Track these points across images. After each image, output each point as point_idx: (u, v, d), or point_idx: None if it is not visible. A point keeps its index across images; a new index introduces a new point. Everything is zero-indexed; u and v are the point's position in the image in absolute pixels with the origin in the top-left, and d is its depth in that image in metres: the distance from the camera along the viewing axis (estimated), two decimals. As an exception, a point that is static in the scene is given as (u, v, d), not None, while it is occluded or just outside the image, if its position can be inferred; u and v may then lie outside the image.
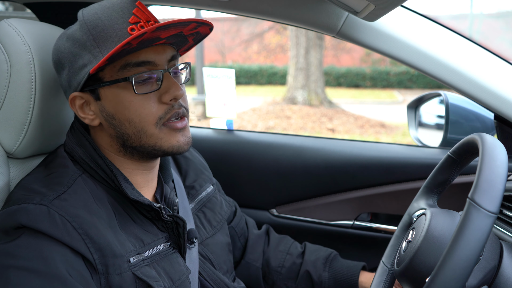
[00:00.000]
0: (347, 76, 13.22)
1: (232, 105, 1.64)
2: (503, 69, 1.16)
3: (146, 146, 0.86)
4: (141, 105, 0.83)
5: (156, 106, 0.84)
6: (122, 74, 0.82)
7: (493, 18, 13.91)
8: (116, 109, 0.84)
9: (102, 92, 0.84)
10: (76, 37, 0.83)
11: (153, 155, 0.89)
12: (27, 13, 1.88)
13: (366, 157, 1.45)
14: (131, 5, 0.82)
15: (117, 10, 0.82)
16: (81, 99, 0.86)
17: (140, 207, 0.87)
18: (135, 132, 0.84)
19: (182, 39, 0.88)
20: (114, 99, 0.84)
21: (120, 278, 0.78)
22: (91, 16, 0.82)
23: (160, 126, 0.85)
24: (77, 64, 0.83)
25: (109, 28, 0.81)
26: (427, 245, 0.77)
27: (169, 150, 0.87)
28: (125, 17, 0.81)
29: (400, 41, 1.14)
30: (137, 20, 0.82)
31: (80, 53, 0.83)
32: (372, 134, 7.19)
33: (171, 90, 0.84)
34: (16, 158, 0.94)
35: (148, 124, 0.84)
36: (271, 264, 1.23)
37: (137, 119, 0.83)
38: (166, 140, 0.86)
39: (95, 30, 0.81)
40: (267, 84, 13.69)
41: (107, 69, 0.82)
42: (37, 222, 0.74)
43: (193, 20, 0.81)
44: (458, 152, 0.87)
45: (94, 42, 0.81)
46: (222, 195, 1.19)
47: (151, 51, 0.83)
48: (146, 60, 0.83)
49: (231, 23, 14.66)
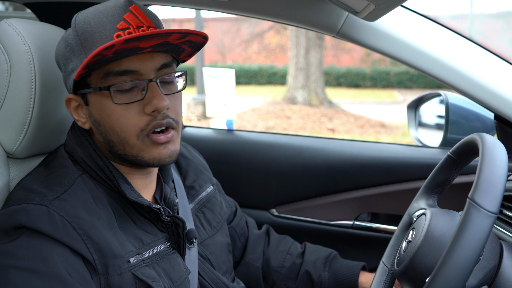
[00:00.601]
0: (347, 76, 13.22)
1: (232, 105, 1.64)
2: (503, 69, 1.16)
3: (129, 155, 0.85)
4: (122, 115, 0.81)
5: (138, 117, 0.81)
6: (105, 83, 0.80)
7: (493, 18, 13.91)
8: (101, 116, 0.83)
9: (90, 98, 0.84)
10: (68, 40, 0.83)
11: (138, 165, 0.87)
12: (27, 13, 1.88)
13: (366, 157, 1.45)
14: (124, 9, 0.79)
15: (107, 14, 0.79)
16: (75, 101, 0.87)
17: (140, 208, 0.87)
18: (118, 140, 0.84)
19: (174, 48, 0.83)
20: (98, 106, 0.83)
21: (120, 278, 0.78)
22: (82, 21, 0.81)
23: (143, 137, 0.83)
24: (68, 68, 0.84)
25: (96, 34, 0.79)
26: (427, 245, 0.77)
27: (150, 162, 0.85)
28: (114, 22, 0.79)
29: (400, 41, 1.14)
30: (126, 26, 0.79)
31: (70, 57, 0.83)
32: (372, 134, 7.19)
33: (153, 101, 0.80)
34: (16, 158, 0.94)
35: (129, 135, 0.82)
36: (271, 264, 1.23)
37: (119, 128, 0.82)
38: (147, 152, 0.84)
39: (83, 35, 0.80)
40: (267, 84, 13.69)
41: (93, 76, 0.82)
42: (37, 223, 0.74)
43: (175, 31, 0.76)
44: (458, 152, 0.87)
45: (82, 47, 0.80)
46: (222, 195, 1.19)
47: (135, 59, 0.80)
48: (128, 69, 0.80)
49: (231, 23, 14.67)
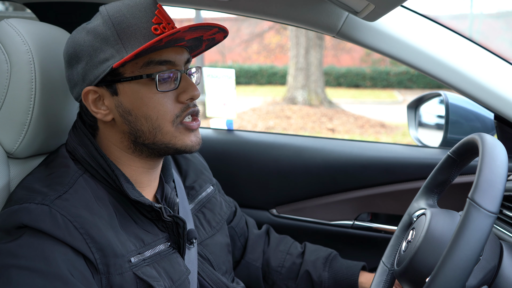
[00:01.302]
0: (347, 76, 13.21)
1: (232, 105, 1.64)
2: (503, 69, 1.16)
3: (159, 144, 0.87)
4: (159, 103, 0.85)
5: (173, 104, 0.86)
6: (145, 71, 0.84)
7: (493, 18, 13.91)
8: (134, 105, 0.85)
9: (121, 88, 0.85)
10: (99, 31, 0.83)
11: (163, 153, 0.90)
12: (27, 13, 1.88)
13: (366, 157, 1.45)
14: (154, 6, 0.85)
15: (140, 9, 0.84)
16: (94, 93, 0.86)
17: (141, 207, 0.87)
18: (150, 129, 0.86)
19: (198, 43, 0.91)
20: (133, 95, 0.84)
21: (121, 277, 0.78)
22: (116, 13, 0.83)
23: (177, 124, 0.87)
24: (97, 58, 0.83)
25: (134, 26, 0.83)
26: (427, 245, 0.77)
27: (181, 149, 0.89)
28: (149, 16, 0.83)
29: (400, 41, 1.14)
30: (160, 21, 0.84)
31: (102, 47, 0.83)
32: (372, 134, 7.19)
33: (188, 90, 0.87)
34: (16, 158, 0.94)
35: (165, 122, 0.86)
36: (271, 264, 1.23)
37: (155, 116, 0.85)
38: (180, 138, 0.88)
39: (119, 26, 0.82)
40: (267, 84, 13.68)
41: (128, 65, 0.83)
42: (39, 222, 0.75)
43: (217, 25, 0.85)
44: (458, 152, 0.87)
45: (118, 38, 0.82)
46: (222, 196, 1.19)
47: (172, 51, 0.86)
48: (168, 60, 0.85)
49: (231, 23, 14.66)
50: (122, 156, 0.90)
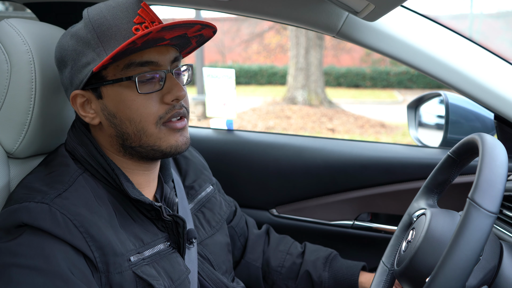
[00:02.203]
0: (347, 76, 13.21)
1: (232, 105, 1.64)
2: (503, 69, 1.16)
3: (145, 146, 0.86)
4: (142, 105, 0.83)
5: (157, 106, 0.85)
6: (126, 73, 0.83)
7: (493, 18, 13.90)
8: (118, 108, 0.84)
9: (104, 91, 0.84)
10: (80, 35, 0.83)
11: (152, 157, 0.89)
12: (27, 13, 1.88)
13: (366, 157, 1.45)
14: (136, 5, 0.83)
15: (122, 9, 0.82)
16: (82, 97, 0.86)
17: (141, 206, 0.87)
18: (135, 131, 0.85)
19: (185, 41, 0.89)
20: (116, 98, 0.84)
21: (120, 276, 0.78)
22: (96, 15, 0.83)
23: (160, 126, 0.85)
24: (80, 62, 0.83)
25: (114, 27, 0.81)
26: (427, 245, 0.77)
27: (167, 151, 0.87)
28: (130, 17, 0.82)
29: (400, 41, 1.14)
30: (142, 20, 0.82)
31: (84, 51, 0.83)
32: (372, 134, 7.18)
33: (173, 91, 0.85)
34: (16, 158, 0.94)
35: (148, 124, 0.84)
36: (271, 264, 1.23)
37: (138, 118, 0.84)
38: (165, 140, 0.86)
39: (99, 29, 0.82)
40: (267, 84, 13.68)
41: (110, 68, 0.83)
42: (39, 220, 0.75)
43: (198, 22, 0.82)
44: (458, 152, 0.87)
45: (99, 41, 0.82)
46: (222, 195, 1.19)
47: (154, 51, 0.84)
48: (149, 60, 0.83)
49: (231, 23, 14.66)
50: (115, 158, 0.90)
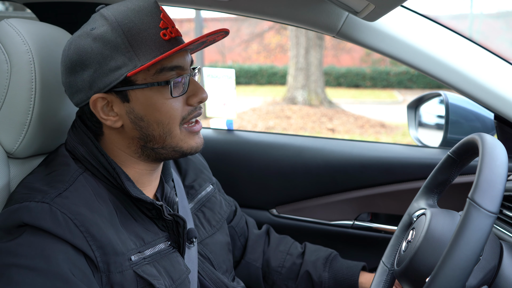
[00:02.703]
0: (347, 76, 13.21)
1: (232, 105, 1.64)
2: (503, 69, 1.16)
3: (168, 147, 0.89)
4: (172, 107, 0.86)
5: (182, 107, 0.88)
6: (157, 78, 0.84)
7: (493, 18, 13.90)
8: (147, 110, 0.85)
9: (133, 94, 0.84)
10: (108, 38, 0.82)
11: (170, 157, 0.91)
12: (27, 13, 1.88)
13: (366, 157, 1.45)
14: (158, 9, 0.85)
15: (147, 14, 0.83)
16: (103, 100, 0.85)
17: (142, 205, 0.87)
18: (161, 133, 0.87)
19: (199, 45, 0.91)
20: (146, 101, 0.85)
21: (121, 276, 0.78)
22: (124, 19, 0.82)
23: (181, 127, 0.88)
24: (108, 66, 0.82)
25: (143, 32, 0.82)
26: (427, 245, 0.77)
27: (187, 151, 0.91)
28: (156, 21, 0.84)
29: (400, 41, 1.14)
30: (166, 25, 0.85)
31: (113, 55, 0.82)
32: (372, 134, 7.18)
33: (198, 93, 0.89)
34: (16, 158, 0.94)
35: (174, 125, 0.87)
36: (271, 264, 1.23)
37: (166, 120, 0.86)
38: (186, 141, 0.90)
39: (129, 33, 0.82)
40: (267, 84, 13.67)
41: (140, 72, 0.83)
42: (39, 220, 0.75)
43: (223, 30, 0.86)
44: (458, 152, 0.87)
45: (129, 45, 0.82)
46: (222, 195, 1.20)
47: (180, 56, 0.87)
48: (178, 65, 0.86)
49: (231, 23, 14.66)
50: (127, 159, 0.90)
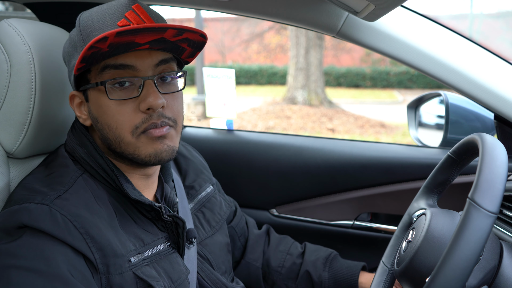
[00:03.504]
0: (347, 76, 13.21)
1: (232, 105, 1.64)
2: (503, 69, 1.16)
3: (126, 153, 0.84)
4: (117, 111, 0.81)
5: (133, 114, 0.81)
6: (101, 78, 0.81)
7: (493, 18, 13.91)
8: (98, 112, 0.84)
9: (89, 94, 0.85)
10: (72, 37, 0.86)
11: (136, 163, 0.86)
12: (27, 13, 1.88)
13: (366, 157, 1.45)
14: (126, 8, 0.80)
15: (110, 12, 0.81)
16: (78, 98, 0.89)
17: (141, 207, 0.87)
18: (113, 138, 0.83)
19: (172, 45, 0.83)
20: (96, 102, 0.84)
21: (121, 277, 0.78)
22: (85, 18, 0.84)
23: (138, 135, 0.82)
24: (71, 64, 0.86)
25: (97, 30, 0.80)
26: (427, 245, 0.77)
27: (146, 159, 0.83)
28: (116, 19, 0.79)
29: (400, 41, 1.14)
30: (127, 23, 0.79)
31: (73, 53, 0.85)
32: (372, 134, 7.18)
33: (148, 99, 0.80)
34: (16, 158, 0.94)
35: (124, 132, 0.82)
36: (271, 264, 1.23)
37: (114, 125, 0.82)
38: (143, 148, 0.83)
39: (85, 32, 0.82)
40: (267, 84, 13.68)
41: (92, 71, 0.83)
42: (39, 222, 0.74)
43: (168, 26, 0.76)
44: (458, 152, 0.87)
45: (83, 43, 0.81)
46: (222, 195, 1.19)
47: (132, 55, 0.80)
48: (124, 64, 0.80)
49: (231, 23, 14.66)
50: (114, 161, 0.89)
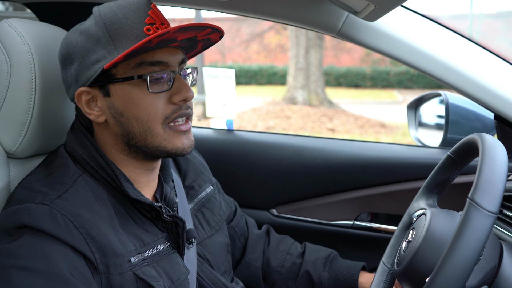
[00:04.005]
0: (347, 76, 13.21)
1: (232, 105, 1.64)
2: (503, 69, 1.16)
3: (150, 146, 0.87)
4: (151, 104, 0.84)
5: (165, 105, 0.85)
6: (136, 72, 0.83)
7: (493, 18, 13.91)
8: (126, 106, 0.84)
9: (113, 89, 0.84)
10: (91, 32, 0.83)
11: (157, 156, 0.89)
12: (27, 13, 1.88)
13: (366, 157, 1.45)
14: (147, 6, 0.84)
15: (133, 9, 0.83)
16: (88, 94, 0.86)
17: (141, 207, 0.87)
18: (141, 130, 0.85)
19: (193, 44, 0.90)
20: (125, 96, 0.84)
21: (121, 277, 0.78)
22: (108, 13, 0.83)
23: (165, 126, 0.86)
24: (90, 59, 0.83)
25: (126, 26, 0.82)
26: (427, 245, 0.77)
27: (172, 152, 0.88)
28: (142, 17, 0.83)
29: (400, 41, 1.14)
30: (153, 21, 0.83)
31: (94, 48, 0.83)
32: (372, 134, 7.18)
33: (182, 91, 0.86)
34: (16, 158, 0.94)
35: (155, 123, 0.85)
36: (271, 264, 1.23)
37: (146, 117, 0.84)
38: (170, 141, 0.87)
39: (111, 27, 0.82)
40: (267, 84, 13.68)
41: (120, 66, 0.83)
42: (39, 222, 0.74)
43: (210, 26, 0.84)
44: (458, 152, 0.87)
45: (110, 39, 0.82)
46: (222, 195, 1.19)
47: (165, 52, 0.85)
48: (160, 60, 0.84)
49: (231, 23, 14.66)
50: (119, 157, 0.90)
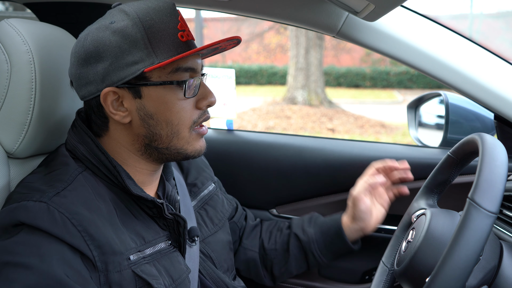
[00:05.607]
0: (347, 76, 13.21)
1: (232, 105, 1.64)
2: (503, 69, 1.16)
3: (172, 149, 0.89)
4: (182, 108, 0.87)
5: (193, 110, 0.89)
6: (172, 77, 0.85)
7: (493, 18, 13.91)
8: (158, 109, 0.85)
9: (146, 91, 0.84)
10: (128, 33, 0.82)
11: (172, 159, 0.91)
12: (27, 13, 1.88)
13: (366, 157, 1.45)
14: (176, 11, 0.86)
15: (166, 14, 0.85)
16: (114, 94, 0.85)
17: (143, 203, 0.87)
18: (169, 133, 0.87)
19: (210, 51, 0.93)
20: (159, 100, 0.85)
21: (119, 275, 0.78)
22: (145, 16, 0.83)
23: (192, 130, 0.89)
24: (124, 60, 0.82)
25: (163, 31, 0.83)
26: (427, 245, 0.77)
27: (191, 154, 0.91)
28: (174, 23, 0.85)
29: (400, 41, 1.14)
30: (183, 28, 0.86)
31: (130, 50, 0.82)
32: (372, 134, 7.19)
33: (208, 97, 0.90)
34: (16, 158, 0.94)
35: (183, 127, 0.88)
36: (265, 245, 1.25)
37: (176, 121, 0.87)
38: (192, 144, 0.90)
39: (150, 30, 0.82)
40: (267, 84, 13.68)
41: (155, 70, 0.84)
42: (37, 219, 0.74)
43: (237, 38, 0.89)
44: (458, 152, 0.87)
45: (148, 42, 0.82)
46: (223, 193, 1.20)
47: (193, 59, 0.88)
48: (191, 67, 0.87)
49: (231, 23, 14.66)
50: (129, 157, 0.90)
